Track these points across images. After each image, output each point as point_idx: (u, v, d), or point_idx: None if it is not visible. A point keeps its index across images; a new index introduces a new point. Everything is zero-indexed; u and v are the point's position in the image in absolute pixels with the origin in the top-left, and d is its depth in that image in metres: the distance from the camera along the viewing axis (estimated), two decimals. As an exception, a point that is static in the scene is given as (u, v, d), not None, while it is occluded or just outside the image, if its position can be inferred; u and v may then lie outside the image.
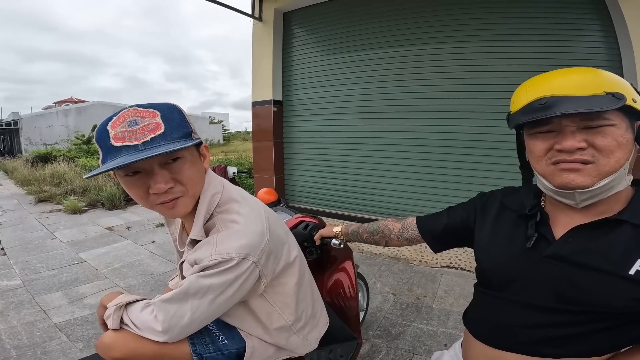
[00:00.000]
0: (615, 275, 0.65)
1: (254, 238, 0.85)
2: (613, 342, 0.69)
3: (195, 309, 0.82)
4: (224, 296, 0.83)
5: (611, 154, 0.65)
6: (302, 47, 5.08)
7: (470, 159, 3.90)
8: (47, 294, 2.78)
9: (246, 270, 0.83)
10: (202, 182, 0.89)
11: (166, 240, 4.16)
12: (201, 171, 0.88)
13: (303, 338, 1.09)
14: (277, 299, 0.99)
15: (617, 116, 0.65)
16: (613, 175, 0.66)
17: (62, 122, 19.48)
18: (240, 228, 0.85)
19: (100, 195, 6.04)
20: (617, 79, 0.68)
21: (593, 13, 3.48)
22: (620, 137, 0.65)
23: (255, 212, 0.92)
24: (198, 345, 0.98)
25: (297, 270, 1.01)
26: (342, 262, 1.68)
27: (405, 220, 1.14)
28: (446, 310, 2.55)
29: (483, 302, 0.89)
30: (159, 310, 0.83)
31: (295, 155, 5.27)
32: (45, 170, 8.37)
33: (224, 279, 0.81)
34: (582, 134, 0.66)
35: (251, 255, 0.83)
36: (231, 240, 0.83)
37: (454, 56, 3.93)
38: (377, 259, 3.55)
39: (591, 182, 0.67)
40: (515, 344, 0.76)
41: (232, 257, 0.81)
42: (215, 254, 0.81)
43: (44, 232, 4.53)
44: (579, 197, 0.70)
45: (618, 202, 0.71)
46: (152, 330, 0.83)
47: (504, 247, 0.83)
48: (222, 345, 1.01)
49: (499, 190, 0.96)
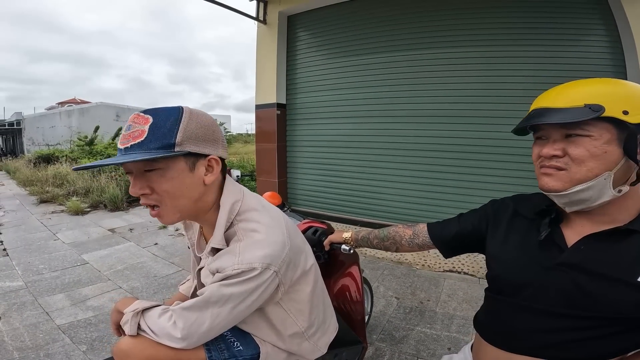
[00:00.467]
0: (624, 283, 0.67)
1: (276, 248, 0.85)
2: (622, 345, 0.71)
3: (215, 316, 0.83)
4: (244, 304, 0.84)
5: (582, 163, 0.69)
6: (306, 50, 5.10)
7: (475, 164, 3.91)
8: (50, 295, 2.77)
9: (267, 280, 0.84)
10: (191, 195, 0.86)
11: (169, 243, 4.16)
12: (188, 184, 0.84)
13: (314, 344, 1.09)
14: (292, 306, 0.99)
15: (597, 128, 0.68)
16: (587, 184, 0.69)
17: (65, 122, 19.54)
18: (262, 237, 0.86)
19: (102, 196, 6.04)
20: (611, 92, 0.69)
21: (597, 18, 3.50)
22: (594, 148, 0.68)
23: (276, 222, 0.92)
24: (214, 351, 0.98)
25: (312, 279, 1.01)
26: (348, 266, 1.67)
27: (416, 227, 1.15)
28: (450, 314, 2.54)
29: (494, 307, 0.90)
30: (179, 317, 0.84)
31: (298, 158, 5.28)
32: (48, 171, 8.38)
33: (245, 288, 0.82)
34: (563, 143, 0.72)
35: (273, 265, 0.84)
36: (254, 250, 0.83)
37: (458, 61, 3.94)
38: (380, 263, 3.54)
39: (562, 187, 0.72)
40: (526, 347, 0.78)
41: (255, 267, 0.81)
42: (238, 264, 0.81)
43: (47, 233, 4.53)
44: (558, 200, 0.76)
45: (627, 212, 0.72)
46: (170, 336, 0.84)
47: (517, 254, 0.84)
48: (237, 351, 1.02)
49: (511, 197, 0.97)
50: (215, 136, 0.87)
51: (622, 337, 0.70)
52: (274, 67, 5.11)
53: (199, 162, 0.85)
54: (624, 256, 0.69)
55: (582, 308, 0.71)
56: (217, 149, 0.88)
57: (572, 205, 0.74)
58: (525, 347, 0.78)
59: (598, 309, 0.69)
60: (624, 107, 0.66)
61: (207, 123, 0.86)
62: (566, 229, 0.79)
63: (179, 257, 3.66)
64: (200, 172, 0.85)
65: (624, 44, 3.36)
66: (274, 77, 5.11)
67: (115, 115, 20.33)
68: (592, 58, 3.50)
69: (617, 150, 0.68)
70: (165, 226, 4.82)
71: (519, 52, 3.67)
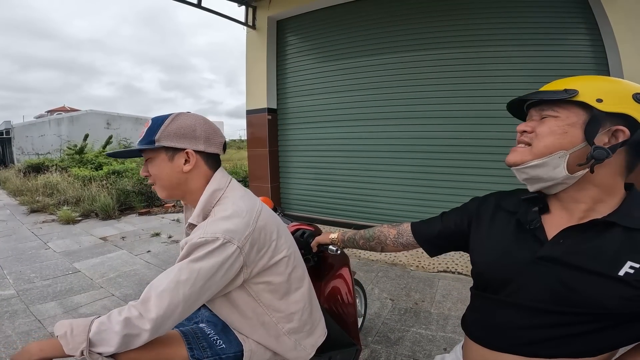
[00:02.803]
0: (605, 276, 0.67)
1: (239, 225, 0.94)
2: (607, 343, 0.71)
3: (187, 297, 0.86)
4: (212, 281, 0.89)
5: (542, 139, 0.73)
6: (296, 54, 5.11)
7: (464, 164, 3.94)
8: (42, 303, 2.75)
9: (232, 255, 0.90)
10: (172, 179, 1.04)
11: (162, 250, 4.13)
12: (168, 171, 1.03)
13: (295, 342, 1.09)
14: (262, 295, 1.03)
15: (567, 110, 0.72)
16: (541, 159, 0.73)
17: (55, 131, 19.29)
18: (227, 214, 0.96)
19: (94, 205, 5.98)
20: (593, 83, 0.72)
21: (579, 18, 3.57)
22: (556, 127, 0.72)
23: (248, 207, 1.00)
24: (196, 350, 1.01)
25: (283, 271, 1.04)
26: (339, 269, 1.68)
27: (400, 226, 1.15)
28: (444, 314, 2.55)
29: (479, 305, 0.90)
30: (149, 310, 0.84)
31: (290, 163, 5.28)
32: (38, 181, 8.27)
33: (212, 262, 0.88)
34: (536, 122, 0.77)
35: (235, 240, 0.91)
36: (218, 223, 0.93)
37: (447, 62, 3.98)
38: (374, 265, 3.55)
39: (520, 160, 0.76)
40: (511, 345, 0.78)
41: (218, 236, 0.89)
42: (203, 234, 0.90)
43: (38, 242, 4.47)
44: (518, 176, 0.79)
45: (607, 204, 0.73)
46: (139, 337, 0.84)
47: (499, 250, 0.84)
48: (220, 349, 1.04)
49: (494, 194, 0.98)
50: (195, 134, 1.03)
51: (607, 333, 0.70)
52: (264, 72, 5.12)
53: (177, 154, 1.02)
54: (605, 249, 0.69)
55: (565, 303, 0.71)
56: (195, 145, 1.03)
57: (531, 182, 0.78)
58: (509, 344, 0.78)
59: (581, 303, 0.69)
60: (600, 96, 0.68)
61: (189, 124, 1.03)
62: (546, 222, 0.79)
63: (172, 264, 3.61)
64: (178, 162, 1.03)
65: (606, 42, 3.43)
66: (264, 82, 5.11)
67: (105, 123, 20.07)
68: (576, 57, 3.56)
69: (579, 133, 0.70)
70: (158, 233, 4.79)
71: (505, 52, 3.73)
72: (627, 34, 3.22)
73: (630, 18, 3.21)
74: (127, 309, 0.85)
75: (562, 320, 0.72)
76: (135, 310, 0.84)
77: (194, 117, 1.05)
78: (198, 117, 1.06)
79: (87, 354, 0.82)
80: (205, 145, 1.04)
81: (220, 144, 1.09)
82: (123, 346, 0.83)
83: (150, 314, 0.83)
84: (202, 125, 1.04)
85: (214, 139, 1.07)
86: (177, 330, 1.06)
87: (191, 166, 1.02)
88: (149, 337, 0.85)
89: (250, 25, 5.18)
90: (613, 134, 0.68)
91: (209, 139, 1.05)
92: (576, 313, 0.70)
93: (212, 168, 1.08)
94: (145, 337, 0.84)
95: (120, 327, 0.82)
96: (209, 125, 1.07)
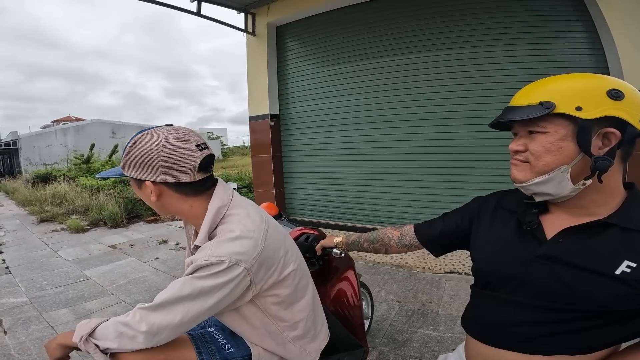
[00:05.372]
0: (602, 275, 0.69)
1: (248, 247, 0.90)
2: (603, 340, 0.73)
3: (186, 311, 0.86)
4: (214, 299, 0.87)
5: (539, 157, 0.73)
6: (296, 60, 5.13)
7: (468, 165, 3.95)
8: (54, 310, 2.80)
9: (238, 276, 0.88)
10: (152, 203, 0.98)
11: (170, 257, 4.17)
12: (143, 196, 0.99)
13: (300, 348, 1.11)
14: (269, 308, 1.02)
15: (553, 124, 0.71)
16: (544, 177, 0.73)
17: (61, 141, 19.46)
18: (235, 236, 0.91)
19: (102, 214, 6.06)
20: (566, 88, 0.71)
21: (575, 17, 3.58)
22: (549, 144, 0.72)
23: (255, 225, 0.96)
24: (205, 354, 1.02)
25: (290, 284, 1.03)
26: (344, 271, 1.70)
27: (404, 228, 1.18)
28: (452, 315, 2.55)
29: (478, 302, 0.93)
30: (149, 315, 0.87)
31: (294, 168, 5.29)
32: (46, 191, 8.38)
33: (215, 282, 0.86)
34: (526, 139, 0.77)
35: (243, 262, 0.88)
36: (225, 246, 0.89)
37: (447, 63, 3.99)
38: (380, 268, 3.56)
39: (524, 178, 0.77)
40: (510, 342, 0.80)
41: (223, 260, 0.86)
42: (208, 256, 0.87)
43: (48, 250, 4.54)
44: (524, 191, 0.80)
45: (606, 206, 0.74)
46: (135, 341, 0.87)
47: (499, 248, 0.86)
48: (228, 353, 1.05)
49: (495, 193, 1.00)
50: (153, 163, 0.90)
51: (603, 331, 0.71)
52: (265, 79, 5.15)
53: (142, 184, 0.96)
54: (602, 249, 0.70)
55: (563, 301, 0.72)
56: (153, 175, 0.92)
57: (538, 196, 0.79)
58: (508, 341, 0.80)
59: (578, 301, 0.71)
60: (577, 104, 0.67)
61: (145, 151, 0.91)
62: (546, 222, 0.81)
63: (180, 270, 3.66)
64: (146, 191, 0.96)
65: (604, 41, 3.44)
66: (266, 88, 5.14)
67: (110, 132, 20.24)
68: (574, 55, 3.57)
69: (573, 145, 0.70)
70: (165, 241, 4.84)
71: (502, 52, 3.75)
72: (624, 32, 3.23)
73: (626, 17, 3.22)
74: (134, 311, 0.89)
75: (559, 317, 0.74)
76: (138, 314, 0.87)
77: (155, 141, 0.90)
78: (160, 141, 0.90)
79: (84, 342, 0.88)
80: (165, 176, 0.91)
81: (191, 169, 0.92)
82: (119, 344, 0.87)
83: (148, 319, 0.86)
84: (163, 151, 0.89)
85: (178, 165, 0.91)
86: (186, 334, 1.07)
87: (155, 197, 0.95)
88: (144, 342, 0.86)
89: (250, 32, 5.22)
90: (604, 136, 0.69)
91: (171, 167, 0.90)
92: (573, 310, 0.72)
93: (192, 193, 0.97)
94: (140, 340, 0.86)
95: (119, 326, 0.88)
96: (174, 150, 0.90)
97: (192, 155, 0.92)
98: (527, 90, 0.77)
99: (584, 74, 0.74)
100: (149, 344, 0.87)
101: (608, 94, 0.67)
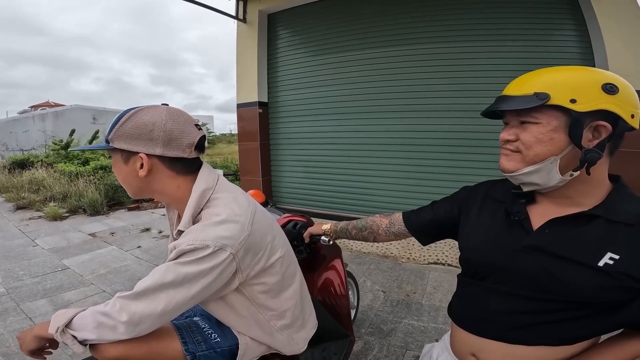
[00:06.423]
0: (586, 266, 0.70)
1: (233, 231, 0.87)
2: (586, 331, 0.74)
3: (169, 299, 0.82)
4: (198, 286, 0.84)
5: (530, 148, 0.73)
6: (287, 48, 5.07)
7: (454, 157, 3.99)
8: (32, 301, 2.72)
9: (223, 262, 0.85)
10: (131, 182, 0.95)
11: (152, 245, 4.10)
12: (125, 174, 0.94)
13: (288, 337, 1.09)
14: (256, 296, 1.00)
15: (546, 115, 0.71)
16: (534, 167, 0.73)
17: (39, 126, 18.84)
18: (220, 220, 0.88)
19: (81, 201, 5.88)
20: (562, 80, 0.70)
21: (567, 12, 3.60)
22: (540, 134, 0.72)
23: (242, 209, 0.93)
24: (190, 344, 1.00)
25: (278, 271, 1.01)
26: (331, 260, 1.69)
27: (392, 216, 1.17)
28: (435, 306, 2.59)
29: (465, 291, 0.93)
30: (130, 304, 0.83)
31: (282, 156, 5.26)
32: (23, 177, 8.11)
33: (199, 268, 0.83)
34: (518, 129, 0.76)
35: (229, 247, 0.85)
36: (210, 230, 0.85)
37: (437, 56, 4.00)
38: (366, 258, 3.58)
39: (514, 167, 0.77)
40: (496, 331, 0.81)
41: (208, 244, 0.83)
42: (192, 241, 0.83)
43: (25, 239, 4.39)
44: (513, 181, 0.81)
45: (592, 197, 0.75)
46: (115, 331, 0.83)
47: (486, 237, 0.86)
48: (215, 343, 1.03)
49: (484, 183, 0.99)
50: (152, 135, 0.88)
51: (585, 322, 0.73)
52: (254, 66, 5.08)
53: (133, 157, 0.91)
54: (587, 240, 0.72)
55: (548, 291, 0.73)
56: (150, 148, 0.89)
57: (525, 186, 0.79)
58: (494, 330, 0.81)
59: (562, 292, 0.72)
60: (572, 96, 0.67)
61: (147, 122, 0.88)
62: (533, 212, 0.81)
63: (163, 259, 3.59)
64: (134, 166, 0.91)
65: (593, 40, 3.48)
66: (255, 76, 5.07)
67: (92, 118, 19.66)
68: (563, 52, 3.61)
69: (564, 137, 0.70)
70: (148, 229, 4.75)
71: (495, 47, 3.76)
72: (614, 32, 3.27)
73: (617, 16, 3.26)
74: (113, 300, 0.85)
75: (544, 307, 0.75)
76: (118, 304, 0.83)
77: (157, 114, 0.89)
78: (162, 114, 0.90)
79: (60, 333, 0.84)
80: (163, 149, 0.89)
81: (190, 145, 0.92)
82: (98, 335, 0.83)
83: (129, 308, 0.82)
84: (165, 124, 0.89)
85: (178, 140, 0.90)
86: (170, 323, 1.04)
87: (145, 172, 0.91)
88: (125, 332, 0.83)
89: (241, 19, 5.13)
90: (595, 129, 0.69)
91: (171, 140, 0.89)
92: (558, 301, 0.73)
93: (183, 171, 0.95)
94: (121, 331, 0.82)
95: (98, 316, 0.83)
96: (176, 124, 0.90)
97: (191, 132, 0.93)
98: (522, 80, 0.76)
99: (578, 67, 0.73)
100: (130, 334, 0.83)
101: (603, 88, 0.67)
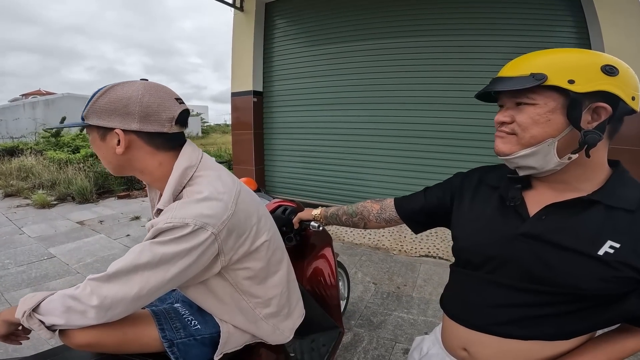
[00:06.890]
0: (584, 255, 0.67)
1: (216, 210, 0.82)
2: (580, 326, 0.71)
3: (144, 282, 0.77)
4: (176, 268, 0.78)
5: (527, 129, 0.70)
6: (283, 38, 5.03)
7: (447, 148, 4.01)
8: (17, 290, 2.67)
9: (204, 242, 0.79)
10: (110, 160, 0.90)
11: (142, 234, 4.04)
12: (103, 152, 0.89)
13: (274, 326, 1.05)
14: (240, 282, 0.95)
15: (543, 96, 0.68)
16: (530, 149, 0.70)
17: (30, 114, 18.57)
18: (202, 197, 0.82)
19: (70, 188, 5.78)
20: (559, 61, 0.67)
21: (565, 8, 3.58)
22: (537, 115, 0.69)
23: (226, 188, 0.88)
24: (168, 331, 0.94)
25: (263, 256, 0.96)
26: (321, 249, 1.65)
27: (384, 202, 1.13)
28: (425, 299, 2.58)
29: (457, 282, 0.89)
30: (101, 286, 0.77)
31: (275, 146, 5.24)
32: (12, 164, 7.97)
33: (178, 249, 0.77)
34: (513, 110, 0.73)
35: (210, 226, 0.79)
36: (190, 207, 0.80)
37: (435, 49, 3.99)
38: (357, 249, 3.56)
39: (510, 150, 0.73)
40: (487, 324, 0.77)
41: (188, 222, 0.77)
42: (171, 218, 0.78)
43: (12, 227, 4.31)
44: (509, 164, 0.78)
45: (591, 182, 0.71)
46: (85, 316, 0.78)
47: (480, 225, 0.82)
48: (195, 330, 0.98)
49: (477, 169, 0.95)
50: (128, 110, 0.83)
51: (581, 316, 0.70)
52: (250, 55, 5.02)
53: (109, 134, 0.86)
54: (586, 228, 0.68)
55: (543, 282, 0.70)
56: (126, 123, 0.83)
57: (521, 170, 0.76)
58: (485, 323, 0.77)
59: (559, 283, 0.68)
60: (570, 77, 0.65)
61: (122, 97, 0.83)
62: (529, 198, 0.78)
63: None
64: (111, 143, 0.86)
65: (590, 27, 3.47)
66: (251, 65, 5.01)
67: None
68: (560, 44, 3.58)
69: (562, 118, 0.67)
70: (138, 217, 4.69)
71: (486, 40, 3.75)
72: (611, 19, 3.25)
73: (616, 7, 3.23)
74: (84, 283, 0.79)
75: (538, 299, 0.71)
76: (89, 287, 0.78)
77: (133, 88, 0.84)
78: (138, 88, 0.84)
79: (27, 317, 0.79)
80: (140, 124, 0.83)
81: (170, 119, 0.86)
82: (67, 320, 0.78)
83: (100, 292, 0.76)
84: (142, 98, 0.83)
85: (157, 114, 0.85)
86: (147, 309, 0.99)
87: (122, 148, 0.85)
88: (95, 317, 0.77)
89: (238, 7, 5.05)
90: (594, 111, 0.66)
91: (149, 115, 0.84)
92: (553, 293, 0.70)
93: (164, 147, 0.89)
94: (91, 316, 0.77)
95: (67, 300, 0.78)
96: (154, 98, 0.85)
97: (172, 106, 0.87)
98: (517, 61, 0.73)
99: (577, 49, 0.70)
100: (101, 319, 0.78)
101: (602, 69, 0.64)
